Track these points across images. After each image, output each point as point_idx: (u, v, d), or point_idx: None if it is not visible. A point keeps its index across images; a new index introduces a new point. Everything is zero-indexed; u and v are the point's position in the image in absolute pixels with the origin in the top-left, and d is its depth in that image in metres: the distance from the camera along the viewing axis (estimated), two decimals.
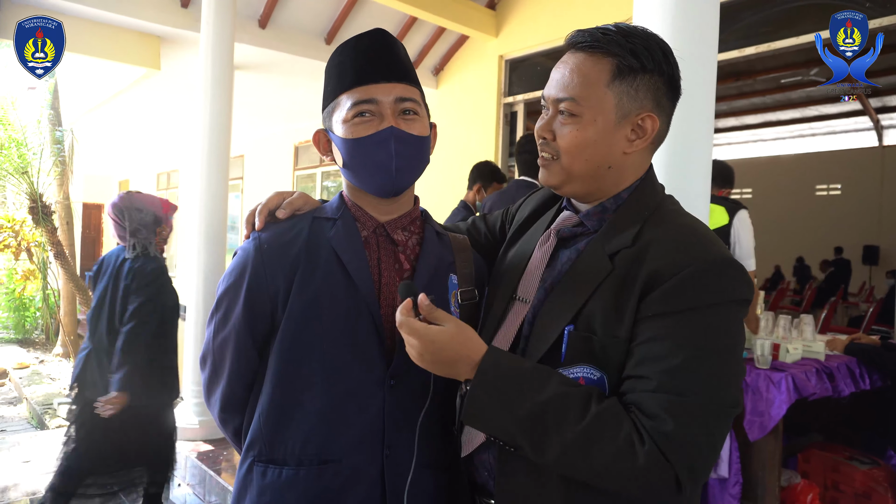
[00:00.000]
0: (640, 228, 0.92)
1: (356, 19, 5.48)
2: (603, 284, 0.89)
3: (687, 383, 0.80)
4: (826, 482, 2.81)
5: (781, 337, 2.81)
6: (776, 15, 3.92)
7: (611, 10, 4.57)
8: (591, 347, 0.88)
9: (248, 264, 1.04)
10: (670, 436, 0.77)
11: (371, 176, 1.04)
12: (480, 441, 0.99)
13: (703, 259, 0.85)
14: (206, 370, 1.10)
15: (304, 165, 9.00)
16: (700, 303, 0.83)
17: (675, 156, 1.63)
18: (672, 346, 0.81)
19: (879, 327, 5.04)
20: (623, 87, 0.93)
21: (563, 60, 0.98)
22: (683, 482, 0.77)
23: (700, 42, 1.65)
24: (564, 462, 0.81)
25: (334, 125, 1.06)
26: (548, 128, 0.97)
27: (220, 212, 3.88)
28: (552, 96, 0.96)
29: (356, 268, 1.03)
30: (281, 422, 1.01)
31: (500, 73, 5.64)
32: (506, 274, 1.08)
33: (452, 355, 0.86)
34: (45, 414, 4.95)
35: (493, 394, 0.84)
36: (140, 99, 7.34)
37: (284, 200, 1.11)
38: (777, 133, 10.29)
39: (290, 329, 1.01)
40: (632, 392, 0.83)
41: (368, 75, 1.02)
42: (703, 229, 0.93)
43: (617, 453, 0.78)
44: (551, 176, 0.98)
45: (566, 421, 0.80)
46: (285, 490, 0.99)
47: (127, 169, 15.04)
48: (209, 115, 3.81)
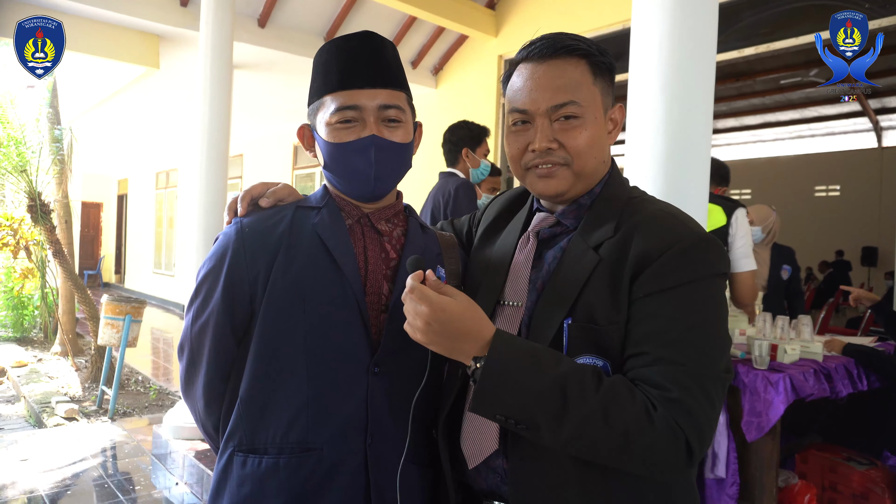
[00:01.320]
0: (618, 219, 0.95)
1: (355, 18, 5.47)
2: (594, 275, 0.91)
3: (686, 354, 0.84)
4: (824, 483, 2.82)
5: (779, 338, 2.81)
6: (775, 16, 3.93)
7: (609, 10, 4.58)
8: (591, 337, 0.89)
9: (228, 248, 1.03)
10: (677, 401, 0.81)
11: (349, 182, 1.05)
12: (492, 449, 0.96)
13: (686, 237, 0.89)
14: (184, 359, 1.08)
15: (302, 164, 9.00)
16: (688, 278, 0.87)
17: (674, 156, 1.63)
18: (668, 320, 0.86)
19: (877, 329, 5.04)
20: (599, 83, 0.98)
21: (541, 69, 0.97)
22: (694, 447, 0.81)
23: (699, 42, 1.65)
24: (583, 434, 0.81)
25: (318, 125, 1.06)
26: (551, 137, 0.96)
27: (218, 211, 3.87)
28: (547, 104, 0.95)
29: (342, 253, 1.02)
30: (262, 410, 1.00)
31: (499, 72, 5.64)
32: (485, 278, 1.07)
33: (462, 328, 0.84)
34: (43, 412, 4.94)
35: (511, 368, 0.83)
36: (139, 97, 7.34)
37: (268, 189, 1.11)
38: (776, 134, 10.31)
39: (271, 314, 1.00)
40: (634, 369, 0.86)
41: (353, 80, 1.02)
42: (679, 211, 0.97)
43: (636, 419, 0.80)
44: (561, 182, 0.98)
45: (585, 391, 0.81)
46: (265, 479, 0.97)
47: (126, 168, 15.03)
48: (208, 114, 3.80)
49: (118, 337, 5.04)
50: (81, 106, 8.11)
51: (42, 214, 5.94)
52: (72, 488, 3.56)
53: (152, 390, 5.71)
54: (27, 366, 6.51)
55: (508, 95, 1.02)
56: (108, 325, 5.07)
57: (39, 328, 8.19)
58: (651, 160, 1.66)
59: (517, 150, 1.00)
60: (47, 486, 3.55)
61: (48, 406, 5.08)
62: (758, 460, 2.34)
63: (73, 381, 5.95)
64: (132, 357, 6.68)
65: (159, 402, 5.38)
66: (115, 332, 5.05)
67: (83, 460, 3.99)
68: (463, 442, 1.00)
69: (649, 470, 0.83)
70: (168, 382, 6.09)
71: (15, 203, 7.18)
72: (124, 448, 4.27)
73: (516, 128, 1.00)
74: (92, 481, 3.65)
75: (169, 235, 12.76)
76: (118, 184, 16.22)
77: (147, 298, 6.55)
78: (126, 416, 5.01)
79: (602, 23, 4.57)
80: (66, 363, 6.64)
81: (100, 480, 3.67)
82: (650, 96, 1.67)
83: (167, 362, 7.16)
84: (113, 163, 14.57)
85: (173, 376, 6.36)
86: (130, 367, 6.46)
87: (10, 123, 6.15)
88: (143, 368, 6.59)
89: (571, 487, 0.90)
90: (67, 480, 3.66)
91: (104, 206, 16.65)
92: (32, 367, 6.48)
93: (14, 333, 8.02)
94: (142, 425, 4.75)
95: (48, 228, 5.97)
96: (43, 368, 6.44)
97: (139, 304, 5.21)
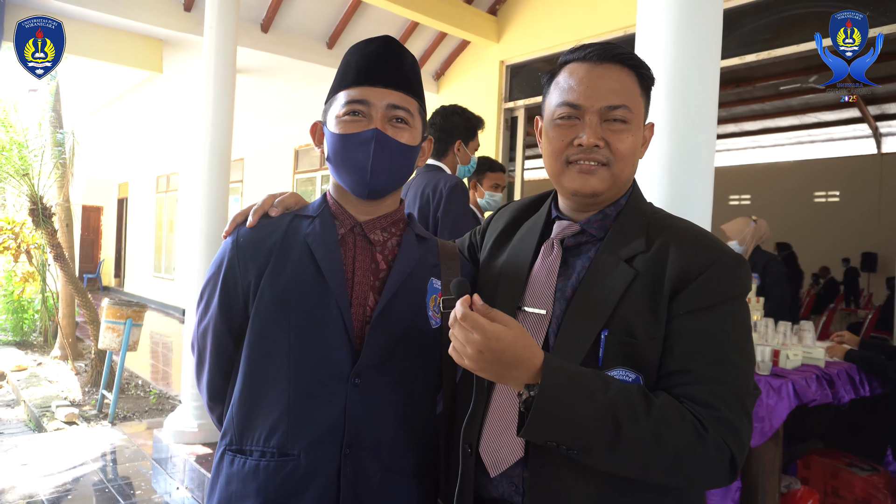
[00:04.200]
0: (647, 234, 0.97)
1: (358, 24, 5.50)
2: (631, 288, 0.93)
3: (729, 373, 0.88)
4: (826, 488, 2.81)
5: (781, 343, 2.81)
6: (776, 22, 3.94)
7: (611, 16, 4.59)
8: (628, 350, 0.91)
9: (224, 258, 1.09)
10: (725, 421, 0.84)
11: (348, 173, 1.06)
12: (518, 457, 0.96)
13: (722, 257, 0.93)
14: (194, 357, 1.16)
15: (304, 169, 9.01)
16: (725, 297, 0.91)
17: (679, 161, 1.64)
18: (711, 339, 0.89)
19: (878, 334, 5.04)
20: (644, 97, 1.02)
21: (599, 71, 0.98)
22: (737, 461, 0.85)
23: (704, 49, 1.66)
24: (635, 457, 0.83)
25: (328, 119, 1.09)
26: (600, 135, 0.97)
27: (220, 215, 3.88)
28: (601, 104, 0.96)
29: (329, 265, 1.04)
30: (250, 413, 1.03)
31: (500, 78, 5.66)
32: (501, 285, 1.07)
33: (515, 357, 0.83)
34: (43, 416, 4.93)
35: (563, 397, 0.82)
36: (142, 101, 7.36)
37: (276, 200, 1.14)
38: (776, 140, 10.32)
39: (259, 322, 1.04)
40: (678, 386, 0.88)
41: (368, 78, 1.05)
42: (705, 230, 1.01)
43: (686, 440, 0.83)
44: (600, 182, 0.98)
45: (637, 414, 0.82)
46: (247, 480, 1.01)
47: (126, 171, 15.04)
48: (211, 118, 3.81)
49: (119, 341, 5.04)
50: (84, 110, 8.12)
51: (43, 218, 5.94)
52: (72, 493, 3.55)
53: (152, 394, 5.70)
54: (27, 370, 6.50)
55: (556, 92, 1.02)
56: (108, 329, 5.07)
57: (40, 332, 8.18)
58: (655, 167, 1.67)
59: (561, 143, 0.99)
60: (47, 490, 3.54)
61: (48, 410, 5.07)
62: (760, 466, 2.33)
63: (73, 385, 5.94)
64: (132, 361, 6.67)
65: (160, 407, 5.36)
66: (116, 336, 5.04)
67: (83, 465, 3.98)
68: (483, 451, 0.99)
69: (696, 485, 0.87)
70: (168, 386, 6.07)
71: (16, 207, 7.18)
72: (125, 452, 4.26)
73: (563, 122, 1.00)
74: (92, 486, 3.64)
75: (169, 239, 12.76)
76: (118, 187, 16.22)
77: (147, 302, 6.55)
78: (126, 420, 5.00)
79: (604, 29, 4.58)
80: (67, 367, 6.63)
81: (100, 485, 3.66)
82: (654, 103, 1.67)
83: (167, 366, 7.15)
84: (114, 166, 14.59)
85: (173, 380, 6.35)
86: (131, 371, 6.44)
87: (13, 127, 6.16)
88: (143, 372, 6.58)
89: (592, 497, 0.90)
90: (68, 485, 3.65)
91: (104, 209, 16.66)
92: (32, 370, 6.47)
93: (14, 337, 8.01)
94: (142, 429, 4.74)
95: (49, 232, 5.98)
96: (43, 372, 6.43)
97: (140, 307, 5.21)
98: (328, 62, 5.50)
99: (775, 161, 10.89)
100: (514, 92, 5.64)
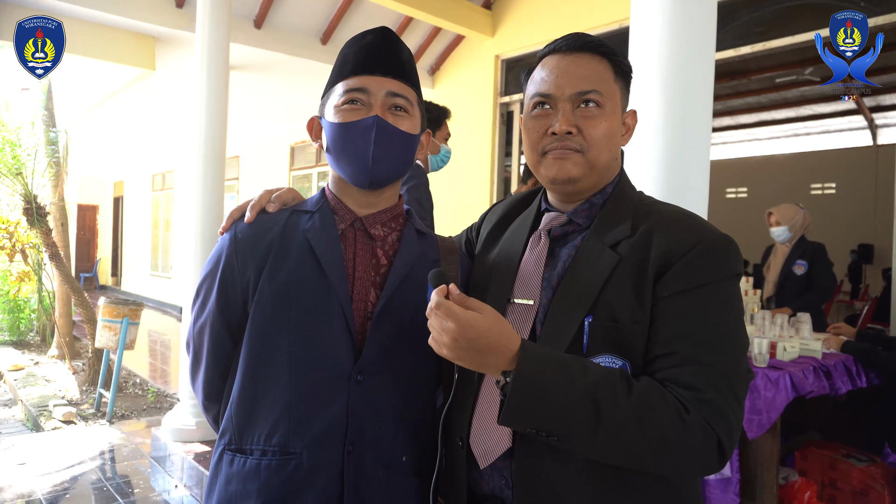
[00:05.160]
0: (633, 219, 0.97)
1: (352, 19, 5.47)
2: (614, 273, 0.92)
3: (715, 354, 0.85)
4: (823, 480, 2.82)
5: (779, 335, 2.82)
6: (771, 14, 3.93)
7: (606, 10, 4.58)
8: (613, 336, 0.89)
9: (222, 254, 1.07)
10: (710, 403, 0.82)
11: (349, 162, 1.04)
12: (505, 448, 0.95)
13: (707, 237, 0.91)
14: (190, 356, 1.13)
15: (299, 166, 8.99)
16: (713, 278, 0.89)
17: (674, 154, 1.63)
18: (696, 321, 0.87)
19: (875, 325, 5.06)
20: (619, 83, 1.02)
21: (567, 60, 0.99)
22: (725, 446, 0.82)
23: (698, 41, 1.65)
24: (617, 442, 0.81)
25: (326, 111, 1.07)
26: (572, 122, 0.97)
27: (215, 213, 3.86)
28: (571, 91, 0.97)
29: (329, 259, 1.03)
30: (249, 412, 1.02)
31: (496, 72, 5.64)
32: (492, 278, 1.07)
33: (490, 343, 0.83)
34: (40, 416, 4.92)
35: (540, 382, 0.82)
36: (135, 99, 7.32)
37: (273, 195, 1.13)
38: (772, 132, 10.33)
39: (259, 319, 1.02)
40: (663, 369, 0.86)
41: (366, 67, 1.04)
42: (693, 213, 0.99)
43: (670, 423, 0.81)
44: (574, 166, 0.98)
45: (618, 397, 0.81)
46: (248, 480, 0.99)
47: (121, 170, 14.98)
48: (204, 116, 3.79)
49: (116, 339, 5.03)
50: (77, 108, 8.08)
51: (38, 217, 5.92)
52: (70, 492, 3.55)
53: (150, 393, 5.70)
54: (24, 369, 6.49)
55: (531, 86, 1.03)
56: (105, 328, 5.05)
57: (36, 331, 8.17)
58: (650, 160, 1.66)
59: (537, 134, 1.00)
60: (45, 489, 3.54)
61: (46, 409, 5.06)
62: (758, 458, 2.34)
63: (70, 384, 5.93)
64: (130, 360, 6.66)
65: (157, 405, 5.36)
66: (113, 334, 5.03)
67: (81, 463, 3.97)
68: (473, 443, 0.99)
69: (683, 471, 0.84)
70: (166, 385, 6.07)
71: (10, 206, 7.14)
72: (123, 451, 4.25)
73: (537, 112, 1.01)
74: (90, 484, 3.64)
75: (165, 237, 12.73)
76: (114, 186, 16.16)
77: (144, 301, 6.53)
78: (124, 418, 4.99)
79: (599, 22, 4.57)
80: (64, 366, 6.62)
81: (98, 483, 3.66)
82: (649, 96, 1.67)
83: (165, 364, 7.14)
84: (109, 165, 14.53)
85: (171, 378, 6.34)
86: (128, 370, 6.44)
87: (6, 126, 6.13)
88: (140, 371, 6.57)
89: (581, 488, 0.89)
90: (66, 484, 3.65)
91: (100, 208, 16.60)
92: (29, 370, 6.46)
93: (11, 337, 7.99)
94: (140, 428, 4.74)
95: (44, 231, 5.95)
96: (40, 372, 6.41)
97: (137, 306, 5.19)
98: (322, 58, 5.47)
99: (771, 154, 10.90)
100: (510, 86, 5.63)
